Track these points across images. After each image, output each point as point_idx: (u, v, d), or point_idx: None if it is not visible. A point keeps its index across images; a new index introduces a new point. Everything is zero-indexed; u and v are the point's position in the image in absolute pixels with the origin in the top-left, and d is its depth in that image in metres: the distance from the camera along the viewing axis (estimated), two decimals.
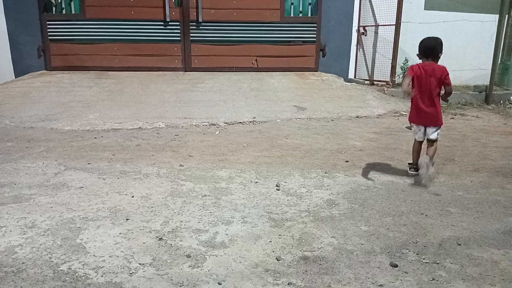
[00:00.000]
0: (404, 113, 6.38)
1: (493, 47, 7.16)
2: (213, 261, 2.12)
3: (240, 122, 5.52)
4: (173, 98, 6.33)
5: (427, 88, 3.37)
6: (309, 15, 8.01)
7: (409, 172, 3.60)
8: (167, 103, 6.12)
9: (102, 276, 1.96)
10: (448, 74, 3.38)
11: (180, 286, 1.90)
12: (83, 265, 2.05)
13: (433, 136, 3.44)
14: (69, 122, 5.28)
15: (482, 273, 2.06)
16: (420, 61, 3.46)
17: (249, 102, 6.31)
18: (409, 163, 3.69)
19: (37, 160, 3.76)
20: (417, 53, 3.49)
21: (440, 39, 3.44)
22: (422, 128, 3.50)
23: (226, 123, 5.46)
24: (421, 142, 3.58)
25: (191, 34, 7.73)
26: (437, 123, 3.46)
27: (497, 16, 7.17)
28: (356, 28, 8.06)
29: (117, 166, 3.64)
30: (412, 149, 3.65)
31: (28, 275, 1.96)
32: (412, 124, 3.64)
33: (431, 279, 2.00)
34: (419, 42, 3.46)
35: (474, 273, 2.06)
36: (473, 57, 7.96)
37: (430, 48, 3.40)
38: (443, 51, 3.43)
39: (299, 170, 3.62)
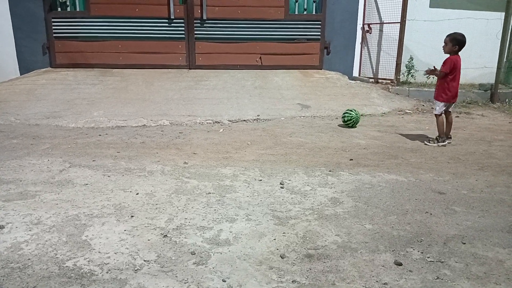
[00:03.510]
0: (409, 111, 6.36)
1: (499, 45, 7.13)
2: (217, 258, 2.13)
3: (244, 120, 5.52)
4: (177, 96, 6.34)
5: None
6: (314, 13, 8.00)
7: (441, 144, 4.48)
8: (171, 100, 6.13)
9: (107, 272, 1.97)
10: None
11: (184, 283, 1.91)
12: (88, 261, 2.07)
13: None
14: (74, 119, 5.30)
15: (487, 272, 2.05)
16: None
17: (253, 100, 6.31)
18: (437, 137, 4.55)
19: (42, 157, 3.78)
20: (455, 44, 4.32)
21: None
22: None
23: (230, 120, 5.47)
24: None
25: (195, 32, 7.74)
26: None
27: (503, 13, 7.14)
28: (361, 25, 8.04)
29: (122, 163, 3.66)
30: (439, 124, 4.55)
31: (33, 271, 1.97)
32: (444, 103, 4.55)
33: (435, 277, 1.99)
34: (457, 36, 4.29)
35: (479, 272, 2.05)
36: (478, 55, 7.91)
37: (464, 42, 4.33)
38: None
39: (303, 168, 3.62)
